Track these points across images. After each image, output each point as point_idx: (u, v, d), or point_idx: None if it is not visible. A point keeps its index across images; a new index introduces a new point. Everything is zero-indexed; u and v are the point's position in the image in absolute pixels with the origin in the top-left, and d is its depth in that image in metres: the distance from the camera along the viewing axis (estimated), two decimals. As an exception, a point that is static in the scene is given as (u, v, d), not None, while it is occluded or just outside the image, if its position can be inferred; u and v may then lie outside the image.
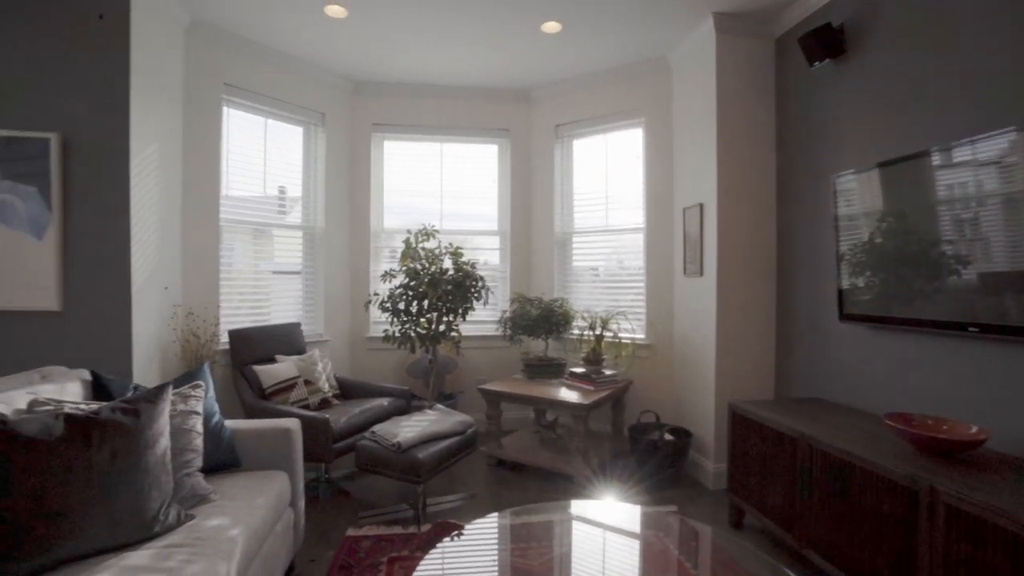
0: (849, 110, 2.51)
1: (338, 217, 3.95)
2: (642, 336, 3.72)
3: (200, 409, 1.90)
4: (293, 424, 2.16)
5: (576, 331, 3.67)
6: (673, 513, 2.66)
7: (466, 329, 4.02)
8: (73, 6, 2.45)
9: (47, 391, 1.70)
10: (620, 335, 3.48)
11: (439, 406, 3.09)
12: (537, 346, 3.99)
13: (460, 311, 3.60)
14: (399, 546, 2.33)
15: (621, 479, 3.13)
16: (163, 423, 1.64)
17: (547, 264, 4.17)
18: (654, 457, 3.04)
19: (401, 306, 3.45)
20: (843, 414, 2.32)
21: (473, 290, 3.60)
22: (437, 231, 3.69)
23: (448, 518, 2.61)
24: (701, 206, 3.15)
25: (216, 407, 2.06)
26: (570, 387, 3.33)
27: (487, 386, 3.40)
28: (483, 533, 1.84)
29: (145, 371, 2.64)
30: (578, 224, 4.11)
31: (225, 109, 3.27)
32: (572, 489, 2.99)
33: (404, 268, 3.52)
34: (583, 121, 3.99)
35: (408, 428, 2.68)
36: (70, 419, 1.47)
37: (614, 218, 3.94)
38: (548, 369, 3.63)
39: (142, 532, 1.46)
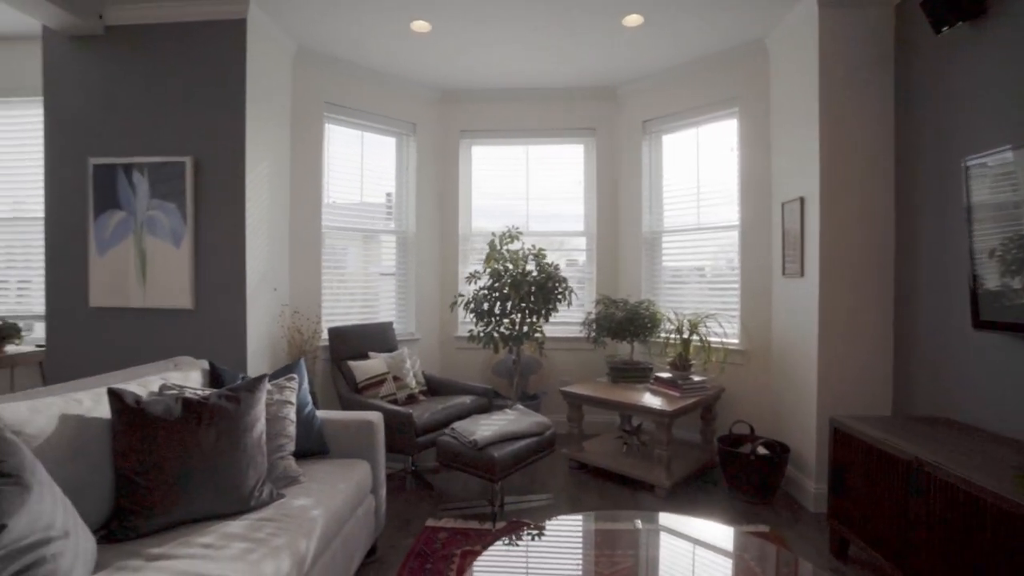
0: (994, 80, 2.13)
1: (429, 221, 4.15)
2: (735, 341, 3.47)
3: (293, 399, 2.10)
4: (375, 417, 2.31)
5: (663, 334, 3.52)
6: (767, 535, 2.45)
7: (551, 331, 4.03)
8: (204, 53, 2.84)
9: (175, 377, 1.99)
10: (710, 339, 3.27)
11: (519, 406, 3.13)
12: (624, 349, 3.88)
13: (543, 312, 3.61)
14: (473, 540, 2.39)
15: (708, 492, 2.94)
16: (260, 410, 1.84)
17: (634, 265, 4.04)
18: (746, 471, 2.82)
19: (485, 307, 3.54)
20: (975, 437, 1.98)
21: (556, 292, 3.60)
22: (521, 233, 3.74)
23: (525, 518, 2.64)
24: (802, 200, 2.86)
25: (309, 398, 2.26)
26: (655, 392, 3.20)
27: (569, 388, 3.38)
28: (556, 534, 1.83)
29: (258, 363, 2.98)
30: (668, 223, 3.93)
31: (326, 125, 3.59)
32: (653, 499, 2.87)
33: (488, 270, 3.62)
34: (672, 115, 3.81)
35: (486, 426, 2.74)
36: (187, 403, 1.70)
37: (706, 216, 3.72)
38: (633, 373, 3.51)
39: (239, 505, 1.65)
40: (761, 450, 2.89)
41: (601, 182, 4.16)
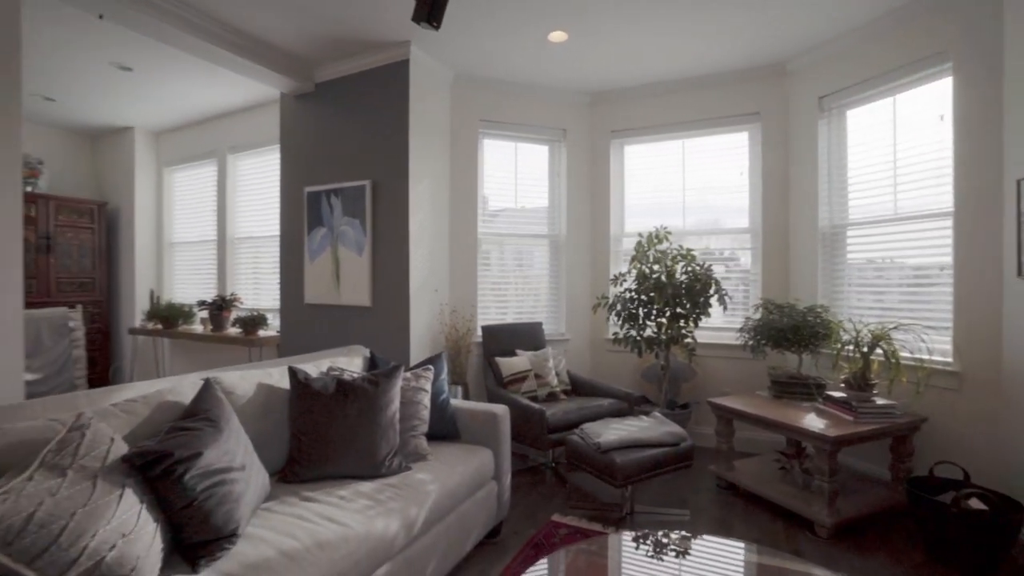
0: None
1: (580, 224, 4.23)
2: (945, 359, 2.77)
3: (428, 387, 2.40)
4: (500, 410, 2.49)
5: (837, 346, 2.99)
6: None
7: (705, 336, 3.76)
8: (378, 94, 3.42)
9: (340, 362, 2.46)
10: (900, 355, 2.68)
11: (656, 413, 3.01)
12: (793, 361, 3.41)
13: (692, 317, 3.40)
14: (590, 541, 2.40)
15: (891, 546, 2.42)
16: (394, 393, 2.17)
17: (808, 264, 3.51)
18: (949, 527, 2.24)
19: (629, 310, 3.49)
20: None
21: (707, 294, 3.36)
22: (670, 233, 3.58)
23: (656, 530, 2.54)
24: (1039, 176, 2.17)
25: (445, 388, 2.56)
26: (822, 414, 2.76)
27: (717, 400, 3.12)
28: (700, 557, 1.71)
29: (419, 354, 3.44)
30: (854, 214, 3.32)
31: (482, 140, 3.95)
32: (811, 539, 2.48)
33: (633, 271, 3.55)
34: (858, 85, 3.21)
35: (614, 431, 2.72)
36: (340, 382, 2.11)
37: (905, 202, 3.04)
38: (798, 389, 3.07)
39: (372, 471, 1.99)
40: (975, 503, 2.27)
41: (768, 171, 3.71)
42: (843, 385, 2.82)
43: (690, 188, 4.02)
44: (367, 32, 3.16)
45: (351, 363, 2.49)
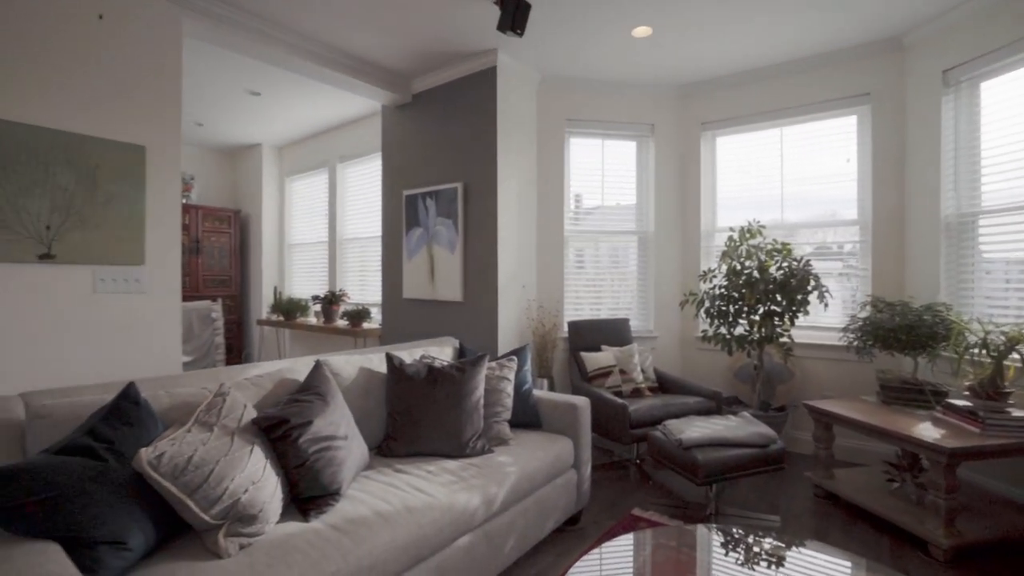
0: None
1: (668, 220, 4.15)
2: (1104, 367, 2.38)
3: (511, 377, 2.53)
4: (580, 401, 2.56)
5: (961, 348, 2.68)
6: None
7: (805, 336, 3.54)
8: (468, 100, 3.62)
9: (432, 351, 2.67)
10: (1042, 360, 2.34)
11: (745, 414, 2.89)
12: (906, 365, 3.10)
13: (788, 315, 3.22)
14: (667, 537, 2.39)
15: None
16: (479, 380, 2.32)
17: (929, 258, 3.16)
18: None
19: (718, 306, 3.38)
20: None
21: (805, 291, 3.16)
22: (764, 227, 3.42)
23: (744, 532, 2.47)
24: None
25: (528, 378, 2.67)
26: (940, 423, 2.50)
27: (816, 403, 2.93)
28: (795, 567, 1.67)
29: (507, 347, 3.59)
30: (987, 200, 2.95)
31: (569, 139, 4.01)
32: (926, 561, 2.26)
33: (724, 267, 3.43)
34: (997, 51, 2.83)
35: (697, 428, 2.67)
36: (430, 369, 2.31)
37: (1053, 187, 2.65)
38: (913, 395, 2.79)
39: (457, 451, 2.15)
40: None
41: (880, 157, 3.39)
42: (967, 393, 2.53)
43: (789, 179, 3.78)
44: (457, 43, 3.37)
45: (442, 352, 2.69)
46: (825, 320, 3.55)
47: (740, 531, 1.80)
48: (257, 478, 1.46)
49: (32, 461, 1.19)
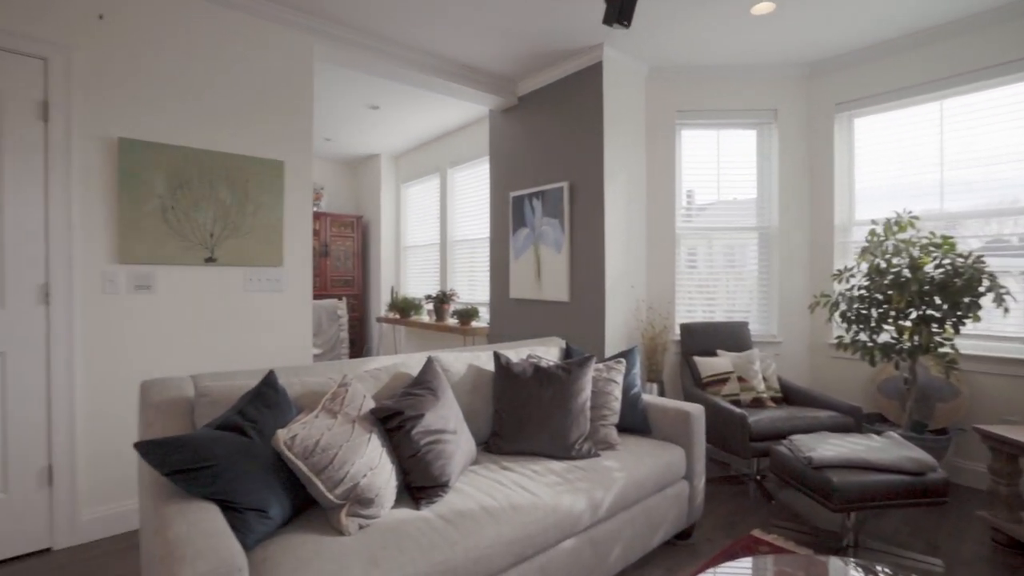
0: None
1: (795, 214, 3.77)
2: None
3: (619, 380, 2.45)
4: (694, 409, 2.40)
5: None
6: None
7: (978, 347, 3.03)
8: (573, 99, 3.58)
9: (538, 350, 2.68)
10: None
11: (892, 434, 2.52)
12: (1120, 385, 2.50)
13: (952, 321, 2.76)
14: (795, 567, 2.15)
15: None
16: (585, 382, 2.28)
17: None
18: None
19: (856, 310, 2.99)
20: None
21: (975, 293, 2.69)
22: (917, 218, 2.97)
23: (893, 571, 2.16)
24: None
25: (637, 381, 2.57)
26: None
27: (994, 429, 2.47)
28: None
29: (614, 349, 3.49)
30: None
31: (680, 132, 3.81)
32: None
33: (864, 265, 3.03)
34: None
35: (832, 446, 2.38)
36: (536, 368, 2.31)
37: None
38: None
39: (562, 452, 2.13)
40: None
41: (1082, 131, 2.77)
42: None
43: (951, 161, 3.24)
44: (562, 42, 3.35)
45: (548, 352, 2.69)
46: (1006, 328, 2.99)
47: (887, 570, 1.57)
48: (374, 464, 1.55)
49: (199, 434, 1.38)
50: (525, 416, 2.18)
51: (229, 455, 1.38)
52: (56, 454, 2.38)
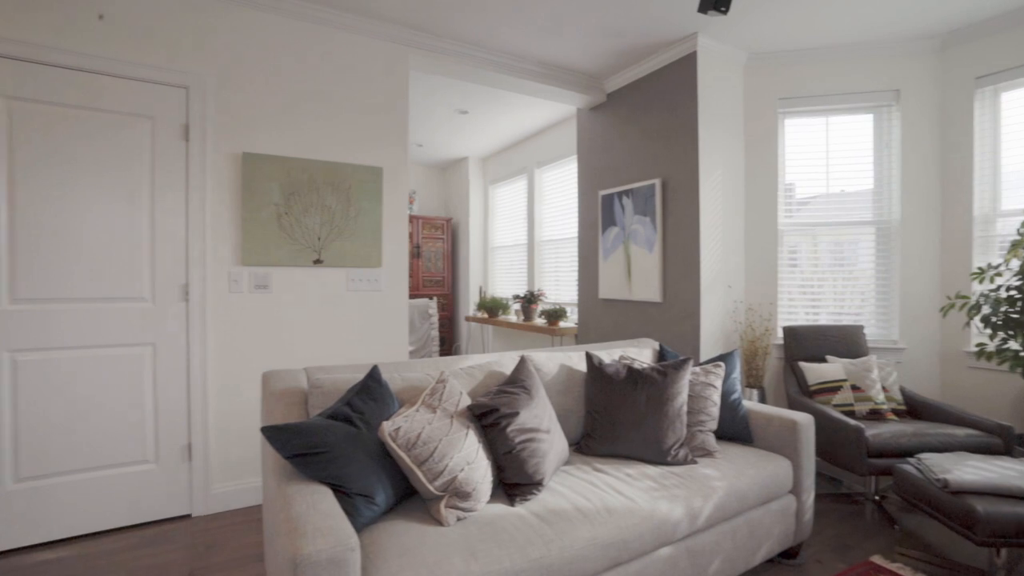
0: None
1: (921, 205, 3.37)
2: None
3: (717, 384, 2.33)
4: (802, 419, 2.22)
5: None
6: None
7: None
8: (665, 93, 3.45)
9: (631, 352, 2.61)
10: None
11: (1052, 458, 2.17)
12: None
13: None
14: (932, 600, 1.92)
15: None
16: (682, 385, 2.19)
17: None
18: None
19: (1008, 314, 2.61)
20: None
21: None
22: (1083, 207, 2.53)
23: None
24: None
25: (737, 387, 2.43)
26: None
27: None
28: None
29: (710, 351, 3.32)
30: None
31: (782, 121, 3.54)
32: None
33: (1014, 261, 2.64)
34: None
35: (973, 469, 2.09)
36: (630, 370, 2.25)
37: None
38: None
39: (657, 457, 2.06)
40: None
41: None
42: None
43: None
44: (653, 34, 3.24)
45: (641, 354, 2.62)
46: None
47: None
48: (472, 459, 1.60)
49: (315, 422, 1.50)
50: (618, 418, 2.13)
51: (340, 443, 1.49)
52: (194, 433, 2.69)
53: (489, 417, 1.72)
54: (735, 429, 2.34)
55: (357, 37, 3.07)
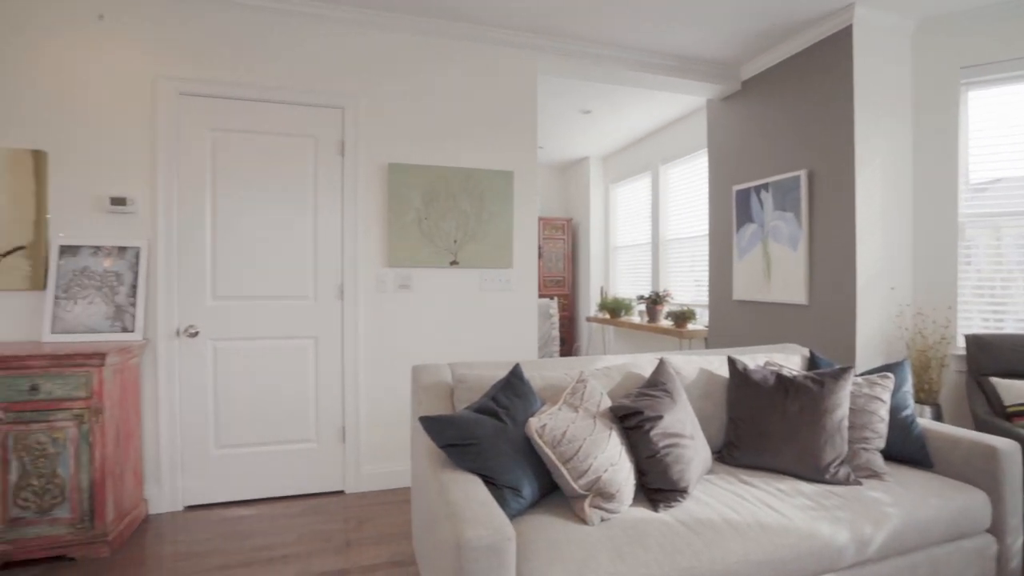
0: None
1: None
2: None
3: (885, 398, 2.06)
4: (1004, 445, 1.89)
5: None
6: None
7: None
8: (812, 75, 3.14)
9: (776, 358, 2.41)
10: None
11: None
12: None
13: None
14: None
15: None
16: (842, 397, 1.97)
17: None
18: None
19: None
20: None
21: None
22: None
23: None
24: None
25: (910, 402, 2.13)
26: None
27: None
28: None
29: (868, 359, 2.96)
30: None
31: (965, 94, 3.03)
32: None
33: None
34: None
35: None
36: (780, 377, 2.09)
37: None
38: None
39: (813, 474, 1.88)
40: None
41: None
42: None
43: None
44: (798, 12, 2.96)
45: (787, 360, 2.41)
46: None
47: None
48: (615, 461, 1.59)
49: (466, 415, 1.59)
50: (766, 429, 1.98)
51: (489, 436, 1.56)
52: (347, 417, 3.00)
53: (632, 419, 1.69)
54: (908, 450, 2.06)
55: (488, 47, 3.20)
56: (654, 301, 4.64)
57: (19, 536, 2.17)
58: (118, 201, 2.62)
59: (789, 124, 3.35)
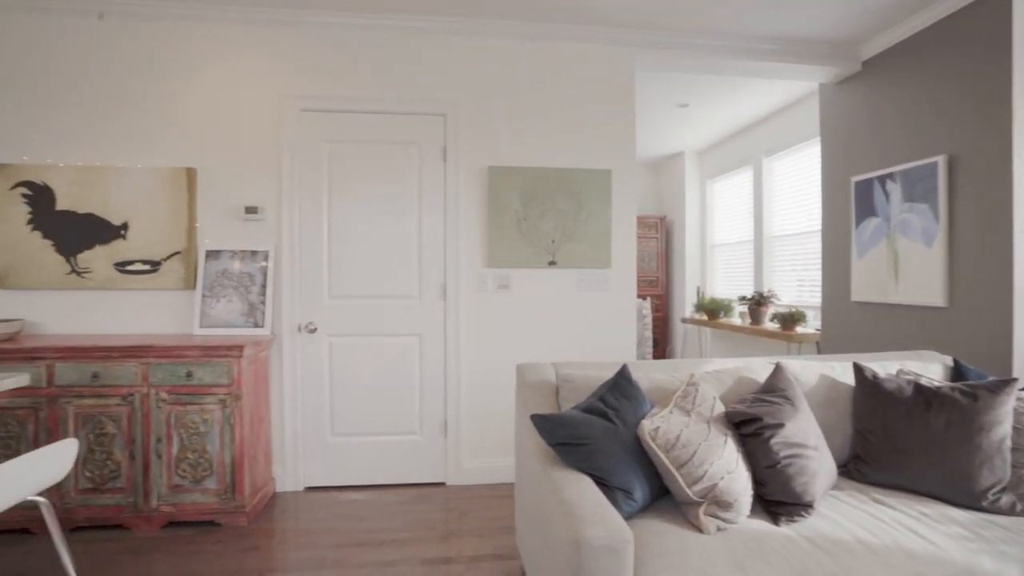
0: None
1: None
2: None
3: (1057, 415, 1.78)
4: None
5: None
6: None
7: None
8: (955, 48, 2.78)
9: (913, 366, 2.17)
10: None
11: None
12: None
13: None
14: None
15: None
16: (1002, 413, 1.73)
17: None
18: None
19: None
20: None
21: None
22: None
23: None
24: None
25: (1089, 421, 1.82)
26: None
27: None
28: None
29: (1026, 373, 2.57)
30: None
31: None
32: None
33: None
34: None
35: None
36: (919, 387, 1.88)
37: None
38: None
39: (968, 499, 1.66)
40: None
41: None
42: None
43: None
44: (943, -23, 2.64)
45: (925, 369, 2.16)
46: None
47: None
48: (731, 469, 1.51)
49: (576, 415, 1.60)
50: (904, 444, 1.79)
51: (600, 436, 1.55)
52: (449, 411, 3.12)
53: (750, 426, 1.60)
54: (1089, 478, 1.76)
55: (584, 46, 3.19)
56: (758, 302, 4.36)
57: (179, 501, 2.50)
58: (251, 210, 2.92)
59: (923, 106, 2.99)
